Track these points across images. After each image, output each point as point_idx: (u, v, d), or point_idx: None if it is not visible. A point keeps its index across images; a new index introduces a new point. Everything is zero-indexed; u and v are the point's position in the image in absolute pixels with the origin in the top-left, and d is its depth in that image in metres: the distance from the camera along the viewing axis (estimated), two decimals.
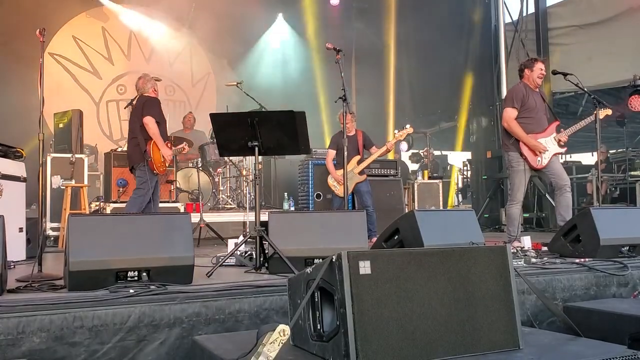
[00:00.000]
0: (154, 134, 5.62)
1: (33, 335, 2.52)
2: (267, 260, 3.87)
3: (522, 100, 5.53)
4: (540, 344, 2.20)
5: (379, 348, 1.90)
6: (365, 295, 1.92)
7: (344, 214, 4.44)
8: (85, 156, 6.96)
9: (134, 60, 10.76)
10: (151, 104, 5.73)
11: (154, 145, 5.64)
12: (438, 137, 12.86)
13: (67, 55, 10.21)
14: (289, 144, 4.18)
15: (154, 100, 5.80)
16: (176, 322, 2.79)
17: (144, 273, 3.09)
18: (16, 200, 4.76)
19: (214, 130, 4.32)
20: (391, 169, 8.20)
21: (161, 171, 5.77)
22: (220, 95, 11.01)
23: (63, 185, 6.47)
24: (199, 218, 6.69)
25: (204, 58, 11.28)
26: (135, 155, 5.70)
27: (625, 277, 3.85)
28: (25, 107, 7.82)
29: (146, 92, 5.89)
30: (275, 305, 3.02)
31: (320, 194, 7.85)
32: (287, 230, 3.90)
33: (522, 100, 5.53)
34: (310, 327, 2.16)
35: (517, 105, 5.52)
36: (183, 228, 3.28)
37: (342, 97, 5.31)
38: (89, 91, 10.40)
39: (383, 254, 2.07)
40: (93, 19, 10.52)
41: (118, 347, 2.66)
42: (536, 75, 5.63)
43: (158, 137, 5.65)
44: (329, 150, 7.06)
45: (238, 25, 10.60)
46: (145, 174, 5.60)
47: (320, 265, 2.07)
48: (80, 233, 3.04)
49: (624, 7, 9.34)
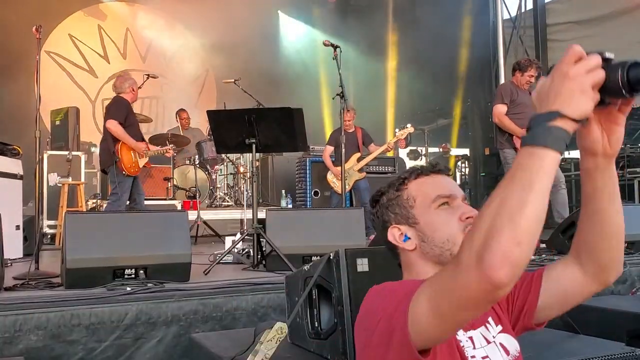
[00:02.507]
0: (120, 137, 5.40)
1: (30, 333, 2.51)
2: (264, 257, 3.86)
3: (511, 97, 5.59)
4: (538, 342, 2.19)
5: None
6: (363, 292, 1.89)
7: (342, 211, 4.44)
8: (83, 153, 6.93)
9: (130, 59, 10.73)
10: (117, 106, 5.52)
11: (122, 146, 5.42)
12: (435, 133, 12.86)
13: (64, 54, 10.18)
14: (286, 141, 4.17)
15: (121, 102, 5.58)
16: (173, 319, 2.78)
17: (141, 271, 3.10)
18: (13, 197, 4.75)
19: (211, 127, 4.31)
20: (389, 166, 8.19)
21: (132, 172, 5.51)
22: (219, 92, 10.99)
23: (60, 182, 6.45)
24: (196, 215, 6.67)
25: (202, 55, 11.24)
26: (104, 157, 5.50)
27: (624, 274, 3.85)
28: (21, 105, 7.80)
29: (123, 91, 5.66)
30: (272, 302, 3.01)
31: (318, 191, 7.84)
32: (285, 227, 3.89)
33: (511, 97, 5.59)
34: (307, 325, 2.15)
35: (506, 101, 5.59)
36: (180, 225, 3.27)
37: (339, 94, 5.30)
38: (85, 89, 10.37)
39: (381, 251, 2.05)
40: (89, 17, 10.49)
41: (115, 345, 2.65)
42: (525, 81, 5.74)
43: (126, 138, 5.44)
44: (326, 146, 7.05)
45: (236, 22, 10.56)
46: (115, 177, 5.38)
47: (318, 262, 2.06)
48: (77, 231, 3.04)
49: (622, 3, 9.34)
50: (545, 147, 0.89)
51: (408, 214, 1.30)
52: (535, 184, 0.88)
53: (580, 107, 0.91)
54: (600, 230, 1.16)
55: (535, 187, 0.88)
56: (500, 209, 0.88)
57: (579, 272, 1.23)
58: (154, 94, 10.60)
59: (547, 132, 0.90)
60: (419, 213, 1.28)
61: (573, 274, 1.23)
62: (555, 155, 0.90)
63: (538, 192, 0.88)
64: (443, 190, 1.29)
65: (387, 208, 1.33)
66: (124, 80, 5.79)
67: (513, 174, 0.91)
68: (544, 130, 0.90)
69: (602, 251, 1.18)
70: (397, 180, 1.35)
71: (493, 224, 0.87)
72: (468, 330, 1.21)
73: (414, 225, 1.29)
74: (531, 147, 0.91)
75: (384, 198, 1.36)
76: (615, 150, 1.08)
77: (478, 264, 0.87)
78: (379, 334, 1.10)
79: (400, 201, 1.32)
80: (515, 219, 0.86)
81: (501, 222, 0.87)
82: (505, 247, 0.85)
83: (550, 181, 0.89)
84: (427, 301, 1.00)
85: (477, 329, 1.23)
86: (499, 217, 0.87)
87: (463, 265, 0.90)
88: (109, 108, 5.56)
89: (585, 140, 1.07)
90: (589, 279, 1.23)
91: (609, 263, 1.21)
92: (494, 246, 0.85)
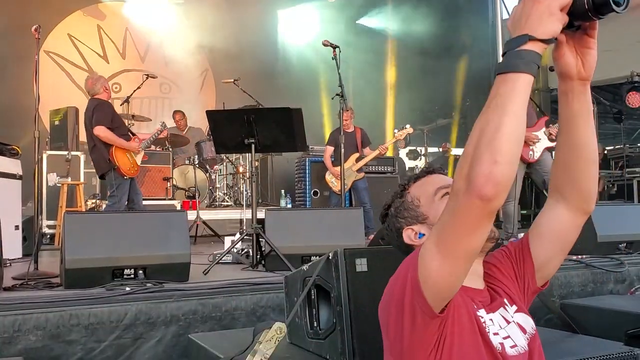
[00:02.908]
0: (112, 141, 5.28)
1: (29, 333, 2.51)
2: (263, 257, 3.86)
3: None
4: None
5: (376, 345, 1.88)
6: (362, 292, 1.91)
7: (341, 211, 4.44)
8: (82, 153, 6.93)
9: (129, 59, 10.72)
10: (99, 110, 5.33)
11: (116, 150, 5.30)
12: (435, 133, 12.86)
13: (63, 54, 10.16)
14: (285, 141, 4.17)
15: (103, 105, 5.39)
16: (173, 319, 2.78)
17: (141, 271, 3.10)
18: (12, 198, 4.75)
19: (210, 127, 4.31)
20: (388, 166, 8.19)
21: (133, 174, 5.45)
22: (218, 93, 10.98)
23: (59, 182, 6.45)
24: (196, 215, 6.67)
25: (201, 55, 11.23)
26: (101, 164, 5.35)
27: (622, 273, 3.85)
28: (20, 105, 7.79)
29: (96, 93, 5.49)
30: (271, 302, 3.01)
31: (317, 191, 7.84)
32: (284, 227, 3.89)
33: None
34: (307, 325, 2.16)
35: None
36: (179, 225, 3.27)
37: (339, 94, 5.31)
38: (84, 89, 10.35)
39: (380, 251, 2.06)
40: (88, 17, 10.46)
41: (114, 345, 2.65)
42: None
43: (118, 141, 5.32)
44: (326, 147, 7.05)
45: (236, 22, 10.56)
46: (113, 180, 5.28)
47: (317, 262, 2.06)
48: (77, 231, 3.04)
49: None
50: (517, 72, 0.98)
51: (416, 213, 1.39)
52: (507, 106, 0.97)
53: (549, 28, 0.99)
54: (579, 155, 1.24)
55: (508, 109, 0.97)
56: (480, 137, 0.98)
57: (564, 208, 1.31)
58: (153, 94, 10.59)
59: (518, 57, 0.98)
60: (426, 209, 1.37)
61: (558, 214, 1.32)
62: (527, 77, 0.98)
63: (511, 113, 0.97)
64: (441, 182, 1.39)
65: (396, 216, 1.42)
66: (95, 81, 5.55)
67: (489, 102, 0.99)
68: (514, 56, 0.99)
69: (583, 176, 1.26)
70: (398, 189, 1.46)
71: (475, 151, 0.98)
72: (489, 313, 1.27)
73: (424, 221, 1.37)
74: (504, 74, 0.99)
75: (391, 209, 1.45)
76: (589, 74, 1.16)
77: (467, 186, 0.99)
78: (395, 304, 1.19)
79: (406, 205, 1.41)
80: (493, 142, 0.96)
81: (481, 148, 0.97)
82: (486, 168, 0.96)
83: (524, 102, 0.98)
84: (434, 244, 1.10)
85: (496, 311, 1.29)
86: (479, 143, 0.98)
87: (456, 193, 1.02)
88: (93, 114, 5.30)
89: (560, 64, 1.15)
90: (574, 212, 1.31)
91: (591, 188, 1.28)
92: (477, 169, 0.97)
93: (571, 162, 1.26)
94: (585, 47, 1.13)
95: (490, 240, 1.29)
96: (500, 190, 0.97)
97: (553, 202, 1.33)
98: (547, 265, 1.37)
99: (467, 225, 1.03)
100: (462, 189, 1.00)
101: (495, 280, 1.37)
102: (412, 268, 1.14)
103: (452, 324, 1.17)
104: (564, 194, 1.30)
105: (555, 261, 1.37)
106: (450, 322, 1.17)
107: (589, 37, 1.11)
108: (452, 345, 1.17)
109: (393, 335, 1.22)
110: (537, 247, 1.35)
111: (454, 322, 1.17)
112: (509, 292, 1.36)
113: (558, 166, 1.29)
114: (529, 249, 1.36)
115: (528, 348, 1.27)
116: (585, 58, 1.14)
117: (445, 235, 1.08)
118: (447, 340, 1.17)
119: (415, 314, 1.14)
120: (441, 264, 1.08)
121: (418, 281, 1.12)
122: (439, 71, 11.33)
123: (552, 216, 1.33)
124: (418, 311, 1.13)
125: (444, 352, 1.16)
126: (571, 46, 1.13)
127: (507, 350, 1.23)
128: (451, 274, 1.10)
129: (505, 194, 0.98)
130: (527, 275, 1.37)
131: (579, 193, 1.28)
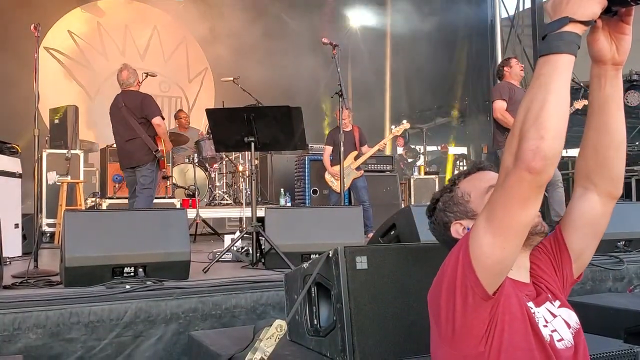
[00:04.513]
0: (163, 134, 5.40)
1: (29, 332, 2.51)
2: (263, 255, 3.87)
3: (509, 94, 5.56)
4: None
5: (376, 343, 1.90)
6: (362, 290, 1.92)
7: (341, 210, 4.43)
8: (81, 151, 6.93)
9: (129, 56, 10.70)
10: (151, 102, 5.45)
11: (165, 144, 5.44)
12: (434, 132, 12.88)
13: (63, 50, 10.15)
14: (285, 140, 4.17)
15: (151, 98, 5.53)
16: (173, 317, 2.78)
17: (141, 269, 3.09)
18: (12, 196, 4.75)
19: (210, 126, 4.31)
20: (387, 165, 8.20)
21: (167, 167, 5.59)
22: (218, 91, 10.98)
23: (59, 181, 6.45)
24: (195, 214, 6.67)
25: (200, 53, 11.23)
26: (141, 155, 5.38)
27: (621, 271, 3.86)
28: (20, 103, 7.78)
29: (130, 85, 5.53)
30: (271, 300, 3.01)
31: (316, 190, 7.84)
32: (284, 225, 3.89)
33: (509, 94, 5.56)
34: (307, 323, 2.16)
35: (505, 97, 5.55)
36: (179, 224, 3.27)
37: (338, 92, 5.31)
38: (84, 86, 10.36)
39: (380, 249, 2.07)
40: (88, 14, 10.46)
41: (115, 343, 2.65)
42: (518, 69, 5.71)
43: (166, 136, 5.45)
44: (325, 147, 7.05)
45: (234, 20, 10.55)
46: (153, 173, 5.38)
47: (317, 260, 2.06)
48: (76, 229, 3.04)
49: None
50: (558, 53, 1.03)
51: (466, 208, 1.41)
52: (550, 85, 1.03)
53: (589, 10, 1.04)
54: (611, 139, 1.27)
55: (551, 88, 1.03)
56: (526, 115, 1.04)
57: (594, 194, 1.33)
58: (152, 92, 10.51)
59: (559, 38, 1.04)
60: (476, 205, 1.39)
61: (589, 201, 1.34)
62: (569, 57, 1.04)
63: (554, 91, 1.03)
64: (492, 180, 1.38)
65: (445, 210, 1.44)
66: (131, 74, 5.57)
67: (533, 82, 1.05)
68: (555, 37, 1.04)
69: (614, 160, 1.28)
70: (448, 184, 1.48)
71: (522, 128, 1.04)
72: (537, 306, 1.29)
73: (473, 217, 1.39)
74: (546, 56, 1.05)
75: (439, 203, 1.47)
76: (622, 59, 1.21)
77: (517, 162, 1.04)
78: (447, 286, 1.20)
79: (456, 199, 1.43)
80: (538, 119, 1.02)
81: (527, 125, 1.03)
82: (533, 144, 1.01)
83: (566, 81, 1.04)
84: (485, 220, 1.13)
85: (542, 305, 1.31)
86: (525, 121, 1.04)
87: (506, 169, 1.07)
88: (149, 105, 5.37)
89: (594, 49, 1.21)
90: (604, 197, 1.34)
91: (621, 171, 1.31)
92: (524, 145, 1.02)
93: (602, 146, 1.27)
94: (620, 32, 1.17)
95: (539, 235, 1.32)
96: (548, 164, 1.01)
97: (582, 190, 1.35)
98: (582, 255, 1.38)
99: (517, 199, 1.07)
100: (511, 166, 1.05)
101: (537, 277, 1.38)
102: (464, 249, 1.16)
103: (502, 312, 1.18)
104: (594, 179, 1.32)
105: (590, 250, 1.39)
106: (501, 310, 1.18)
107: (625, 24, 1.16)
108: (502, 332, 1.18)
109: (445, 319, 1.22)
110: (571, 238, 1.37)
111: (505, 310, 1.19)
112: (551, 287, 1.37)
113: (587, 151, 1.30)
114: (564, 241, 1.38)
115: (574, 342, 1.30)
116: (620, 43, 1.19)
117: (497, 210, 1.11)
118: (498, 327, 1.18)
119: (467, 294, 1.15)
120: (493, 240, 1.11)
121: (470, 260, 1.14)
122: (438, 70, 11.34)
123: (582, 204, 1.34)
124: (470, 291, 1.15)
125: (494, 339, 1.17)
126: (606, 32, 1.18)
127: (556, 344, 1.26)
128: (503, 249, 1.12)
129: (553, 167, 1.03)
130: (565, 267, 1.39)
131: (609, 177, 1.30)
